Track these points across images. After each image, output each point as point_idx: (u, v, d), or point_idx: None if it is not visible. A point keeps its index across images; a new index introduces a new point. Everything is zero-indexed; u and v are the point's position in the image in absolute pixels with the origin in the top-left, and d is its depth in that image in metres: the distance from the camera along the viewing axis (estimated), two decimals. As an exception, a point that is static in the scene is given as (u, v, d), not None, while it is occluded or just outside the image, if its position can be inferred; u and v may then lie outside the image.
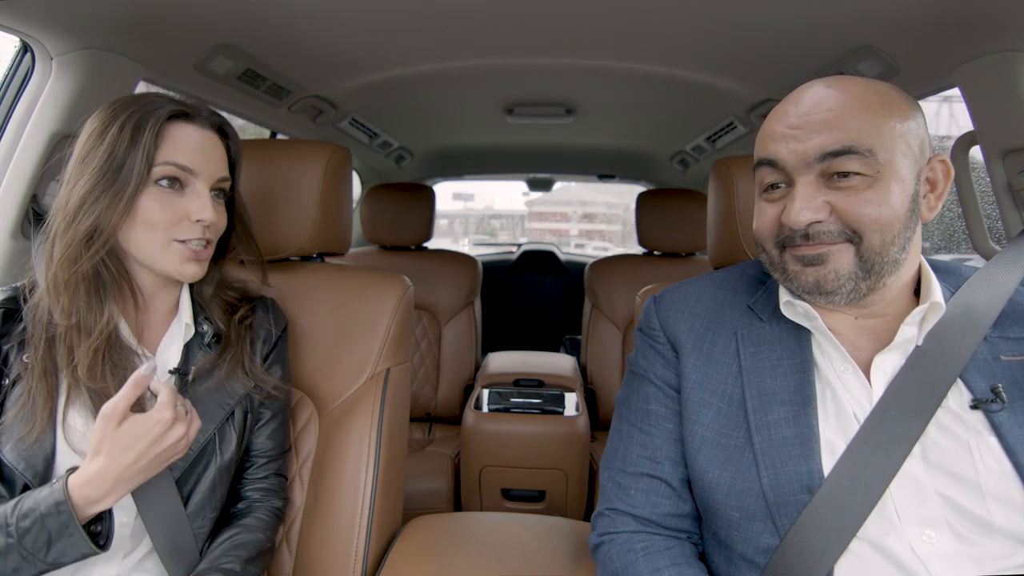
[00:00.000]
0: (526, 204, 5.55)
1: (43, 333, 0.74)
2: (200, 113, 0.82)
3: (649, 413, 0.78)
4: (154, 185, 0.76)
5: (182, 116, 0.79)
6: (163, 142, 0.76)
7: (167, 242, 0.78)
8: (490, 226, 5.18)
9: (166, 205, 0.77)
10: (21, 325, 0.76)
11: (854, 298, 0.68)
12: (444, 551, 0.96)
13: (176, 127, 0.78)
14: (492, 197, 5.69)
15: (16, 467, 0.71)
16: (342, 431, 1.00)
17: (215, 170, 0.82)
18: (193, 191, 0.79)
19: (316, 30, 1.25)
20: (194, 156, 0.79)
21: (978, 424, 0.64)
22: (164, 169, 0.76)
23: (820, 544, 0.62)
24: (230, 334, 0.87)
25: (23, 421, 0.72)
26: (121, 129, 0.75)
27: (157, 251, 0.78)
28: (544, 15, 1.20)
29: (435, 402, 2.17)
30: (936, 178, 0.69)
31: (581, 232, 3.61)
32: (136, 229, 0.77)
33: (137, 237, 0.77)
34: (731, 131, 1.93)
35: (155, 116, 0.76)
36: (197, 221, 0.79)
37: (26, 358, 0.74)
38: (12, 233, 1.04)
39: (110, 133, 0.75)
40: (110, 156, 0.74)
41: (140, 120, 0.75)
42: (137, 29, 1.09)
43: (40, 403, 0.72)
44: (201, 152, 0.80)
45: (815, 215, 0.65)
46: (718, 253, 1.09)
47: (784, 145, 0.67)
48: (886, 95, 0.66)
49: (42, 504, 0.66)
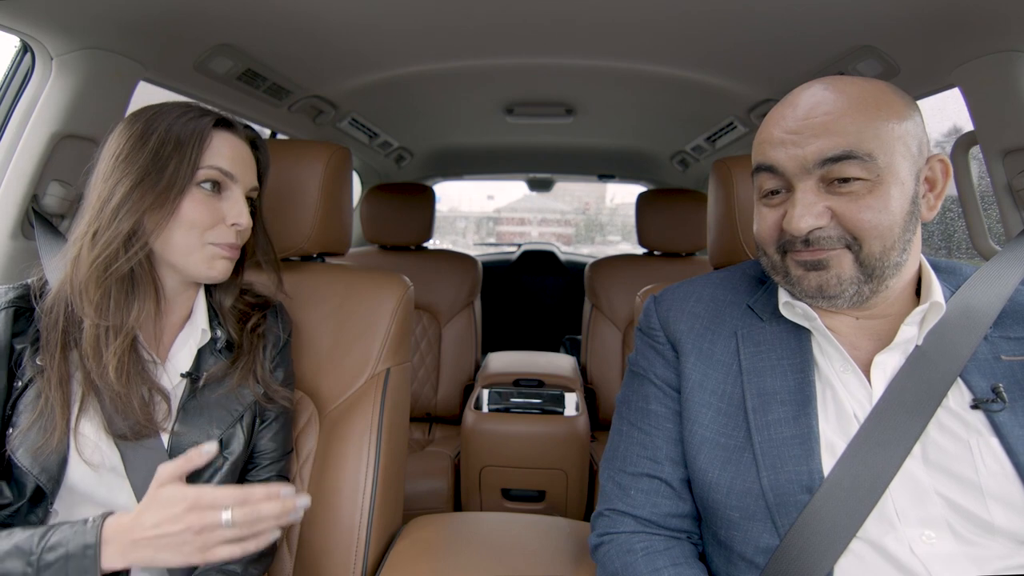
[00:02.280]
0: (494, 211, 6.24)
1: (58, 339, 0.74)
2: (238, 125, 0.85)
3: (649, 413, 0.78)
4: (197, 187, 0.78)
5: (224, 125, 0.82)
6: (208, 147, 0.79)
7: (202, 243, 0.79)
8: (456, 226, 5.79)
9: (207, 207, 0.79)
10: (34, 325, 0.75)
11: (857, 302, 0.68)
12: (444, 551, 0.96)
13: (219, 134, 0.81)
14: (458, 199, 6.31)
15: (31, 471, 0.71)
16: (342, 431, 1.00)
17: (250, 179, 0.85)
18: (231, 196, 0.81)
19: (316, 30, 1.25)
20: (234, 163, 0.81)
21: (979, 424, 0.64)
22: (207, 172, 0.78)
23: (820, 544, 0.62)
24: (243, 343, 0.88)
25: (41, 431, 0.71)
26: (167, 132, 0.76)
27: (191, 251, 0.79)
28: (544, 15, 1.20)
29: (435, 402, 2.17)
30: (935, 177, 0.69)
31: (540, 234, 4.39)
32: (175, 230, 0.77)
33: (174, 237, 0.78)
34: (731, 131, 1.93)
35: (202, 122, 0.79)
36: (232, 225, 0.81)
37: (40, 361, 0.74)
38: (12, 233, 1.04)
39: (156, 134, 0.76)
40: (156, 157, 0.75)
41: (186, 125, 0.78)
42: (137, 29, 1.09)
43: (58, 412, 0.72)
44: (240, 160, 0.82)
45: (816, 221, 0.65)
46: (718, 253, 1.09)
47: (783, 151, 0.67)
48: (883, 96, 0.66)
49: (71, 543, 0.64)
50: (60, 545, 0.64)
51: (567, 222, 5.44)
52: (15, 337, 0.75)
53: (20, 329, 0.75)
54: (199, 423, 0.82)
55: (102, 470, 0.75)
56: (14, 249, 1.04)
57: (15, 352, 0.74)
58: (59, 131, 1.05)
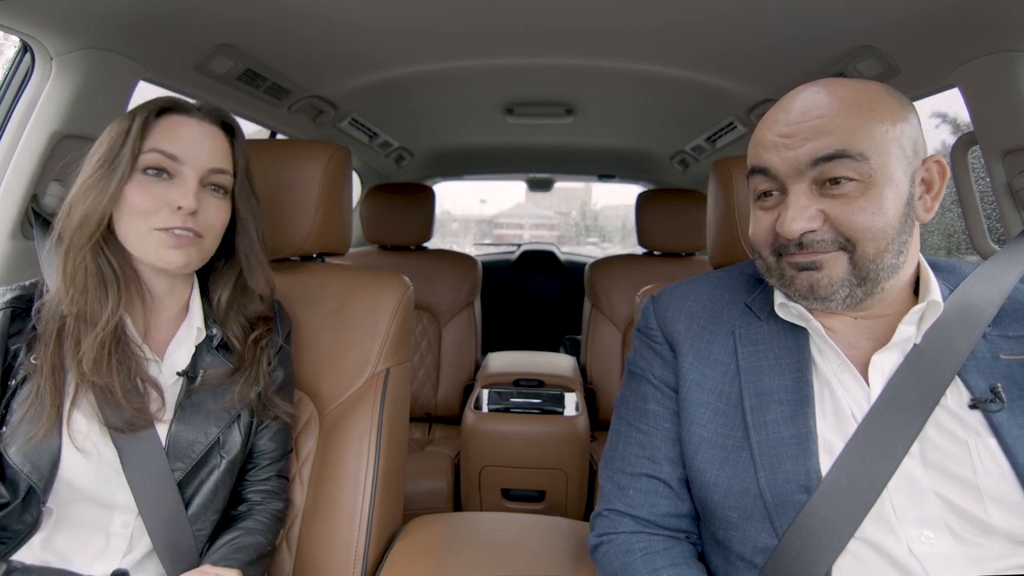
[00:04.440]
0: (492, 217, 7.07)
1: (54, 329, 0.75)
2: (198, 108, 0.83)
3: (647, 413, 0.78)
4: (140, 173, 0.77)
5: (176, 110, 0.81)
6: (152, 132, 0.78)
7: (149, 229, 0.77)
8: (450, 228, 6.26)
9: (149, 192, 0.77)
10: (31, 324, 0.76)
11: (850, 304, 0.67)
12: (444, 551, 0.96)
13: (167, 118, 0.80)
14: (452, 202, 6.83)
15: (21, 469, 0.71)
16: (342, 431, 1.00)
17: (206, 159, 0.80)
18: (179, 180, 0.79)
19: (316, 30, 1.25)
20: (181, 144, 0.79)
21: (977, 424, 0.63)
22: (150, 157, 0.77)
23: (818, 544, 0.62)
24: (244, 353, 0.87)
25: (30, 422, 0.72)
26: (119, 124, 0.78)
27: (139, 239, 0.78)
28: (544, 15, 1.20)
29: (435, 402, 2.17)
30: (932, 178, 0.69)
31: (531, 236, 5.34)
32: (123, 217, 0.77)
33: (124, 225, 0.78)
34: (731, 131, 1.93)
35: (148, 108, 0.79)
36: (178, 208, 0.77)
37: (34, 359, 0.74)
38: (12, 233, 1.04)
39: (113, 130, 0.78)
40: (109, 150, 0.76)
41: (134, 113, 0.78)
42: (137, 29, 1.09)
43: (48, 401, 0.72)
44: (191, 141, 0.80)
45: (808, 224, 0.65)
46: (718, 253, 1.09)
47: (776, 153, 0.67)
48: (878, 98, 0.66)
49: None
50: None
51: (553, 226, 6.52)
52: (11, 337, 0.75)
53: (16, 329, 0.76)
54: (197, 421, 0.82)
55: (99, 463, 0.75)
56: (14, 249, 1.04)
57: (10, 352, 0.75)
58: (59, 131, 1.05)
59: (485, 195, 6.16)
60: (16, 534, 0.74)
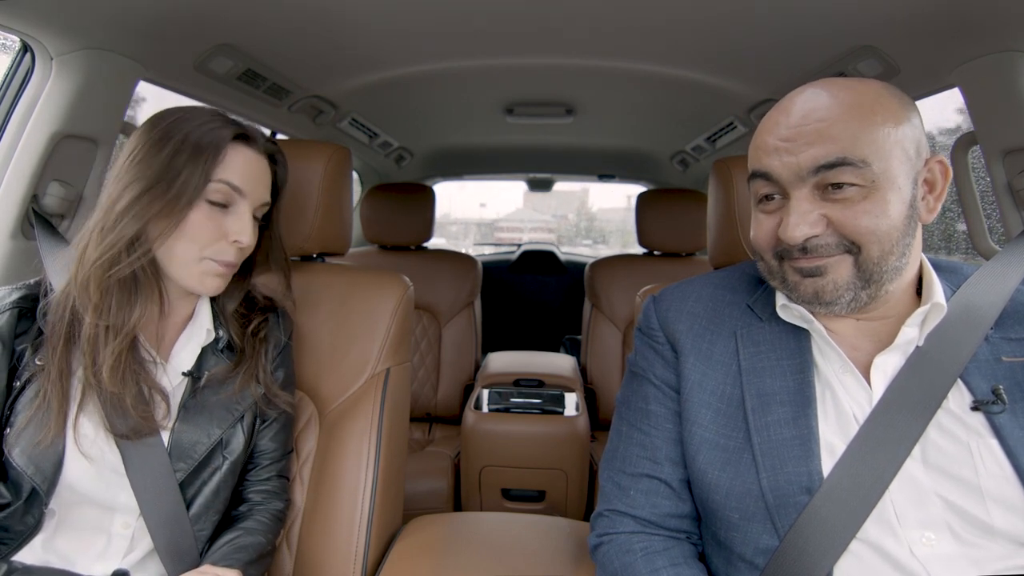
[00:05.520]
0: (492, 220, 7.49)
1: (63, 333, 0.74)
2: (258, 139, 0.83)
3: (648, 414, 0.78)
4: (205, 202, 0.77)
5: (243, 139, 0.81)
6: (222, 160, 0.78)
7: (200, 258, 0.78)
8: (448, 230, 6.49)
9: (212, 221, 0.78)
10: (36, 325, 0.76)
11: (855, 307, 0.67)
12: (444, 551, 0.96)
13: (236, 148, 0.80)
14: (450, 206, 7.19)
15: (25, 471, 0.71)
16: (342, 431, 1.00)
17: (261, 195, 0.83)
18: (237, 212, 0.80)
19: (316, 30, 1.25)
20: (246, 179, 0.80)
21: (979, 426, 0.63)
22: (218, 187, 0.77)
23: (819, 545, 0.62)
24: (245, 347, 0.87)
25: (37, 425, 0.71)
26: (184, 140, 0.75)
27: (188, 264, 0.78)
28: (544, 15, 1.20)
29: (435, 402, 2.17)
30: (934, 179, 0.68)
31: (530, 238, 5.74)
32: (177, 240, 0.77)
33: (175, 248, 0.77)
34: (731, 131, 1.93)
35: (222, 133, 0.77)
36: (234, 242, 0.79)
37: (39, 360, 0.74)
38: (12, 233, 1.04)
39: (172, 141, 0.75)
40: (169, 165, 0.74)
41: (205, 135, 0.76)
42: (137, 29, 1.09)
43: (55, 406, 0.72)
44: (253, 176, 0.81)
45: (811, 230, 0.64)
46: (718, 253, 1.09)
47: (777, 158, 0.66)
48: (879, 100, 0.65)
49: None
50: None
51: (551, 229, 7.04)
52: (17, 338, 0.75)
53: (23, 329, 0.75)
54: (200, 422, 0.82)
55: (102, 467, 0.75)
56: (14, 249, 1.04)
57: (16, 352, 0.74)
58: (59, 131, 1.05)
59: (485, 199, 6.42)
60: (18, 535, 0.74)
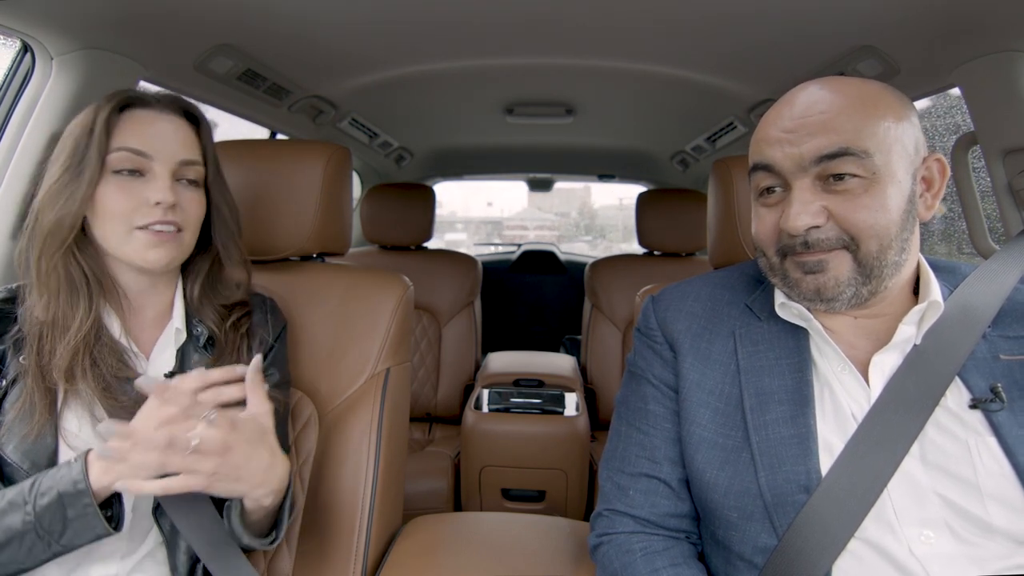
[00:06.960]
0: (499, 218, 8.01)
1: (36, 333, 0.74)
2: (158, 99, 0.81)
3: (648, 413, 0.78)
4: (112, 175, 0.76)
5: (137, 104, 0.79)
6: (116, 130, 0.77)
7: (129, 230, 0.77)
8: (454, 228, 6.78)
9: (124, 192, 0.76)
10: (16, 326, 0.76)
11: (856, 303, 0.67)
12: (444, 551, 0.96)
13: (129, 114, 0.78)
14: (456, 205, 7.71)
15: (21, 466, 0.71)
16: (342, 431, 1.00)
17: (175, 152, 0.80)
18: (152, 176, 0.78)
19: (316, 30, 1.25)
20: (148, 139, 0.78)
21: (977, 424, 0.63)
22: (119, 156, 0.76)
23: (818, 544, 0.62)
24: (223, 340, 0.86)
25: (23, 421, 0.72)
26: (80, 124, 0.76)
27: (120, 241, 0.77)
28: (544, 15, 1.20)
29: (435, 402, 2.17)
30: (932, 177, 0.69)
31: (536, 236, 6.25)
32: (100, 220, 0.77)
33: (102, 228, 0.77)
34: (731, 131, 1.93)
35: (107, 107, 0.77)
36: (156, 204, 0.77)
37: (23, 359, 0.74)
38: (12, 233, 1.04)
39: (75, 130, 0.76)
40: (73, 152, 0.75)
41: (95, 112, 0.76)
42: (137, 29, 1.09)
43: (38, 402, 0.72)
44: (158, 136, 0.79)
45: (813, 220, 0.65)
46: (718, 253, 1.09)
47: (779, 149, 0.67)
48: (880, 96, 0.66)
49: (60, 482, 0.66)
50: (51, 488, 0.66)
51: (554, 227, 7.59)
52: None
53: (3, 330, 0.76)
54: None
55: None
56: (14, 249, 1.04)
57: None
58: (59, 131, 1.04)
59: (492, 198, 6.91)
60: None
